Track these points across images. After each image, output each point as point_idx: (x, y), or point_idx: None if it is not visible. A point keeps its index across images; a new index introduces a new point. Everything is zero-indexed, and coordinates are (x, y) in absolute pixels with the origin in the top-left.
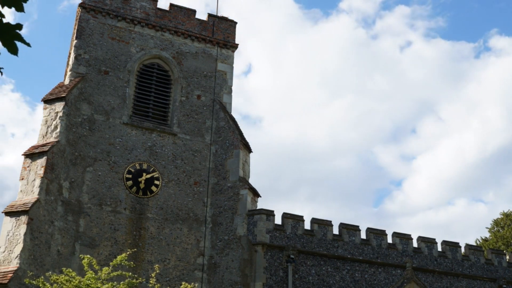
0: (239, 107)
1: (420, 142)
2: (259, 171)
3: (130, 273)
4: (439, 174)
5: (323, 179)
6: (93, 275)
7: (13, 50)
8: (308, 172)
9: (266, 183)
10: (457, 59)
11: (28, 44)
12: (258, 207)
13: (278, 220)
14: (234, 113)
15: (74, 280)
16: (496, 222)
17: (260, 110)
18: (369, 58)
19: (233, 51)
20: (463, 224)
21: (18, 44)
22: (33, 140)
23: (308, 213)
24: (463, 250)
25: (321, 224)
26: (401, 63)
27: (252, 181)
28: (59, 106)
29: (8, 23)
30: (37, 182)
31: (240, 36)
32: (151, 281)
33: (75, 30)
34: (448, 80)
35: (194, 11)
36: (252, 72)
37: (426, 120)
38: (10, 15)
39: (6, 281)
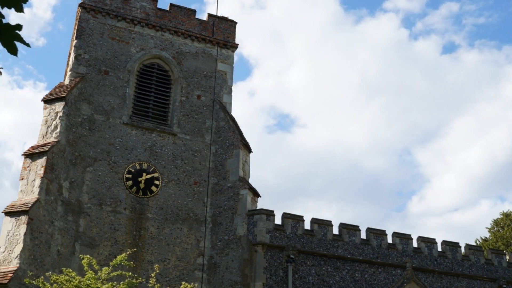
0: (278, 104)
1: (455, 141)
2: (291, 171)
3: (130, 273)
4: (469, 173)
5: (355, 179)
6: (93, 275)
7: (13, 51)
8: (342, 172)
9: (297, 184)
10: (500, 64)
11: (28, 45)
12: (284, 208)
13: (278, 220)
14: (273, 111)
15: (74, 280)
16: (496, 222)
17: (298, 108)
18: (410, 58)
19: (233, 51)
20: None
21: (19, 44)
22: None
23: (332, 214)
24: (463, 250)
25: (321, 224)
26: (442, 65)
27: (282, 181)
28: (59, 106)
29: (8, 24)
30: (37, 182)
31: (283, 33)
32: (151, 281)
33: (75, 30)
34: (487, 80)
35: (194, 11)
36: (293, 69)
37: (462, 118)
38: (47, 11)
39: (6, 281)
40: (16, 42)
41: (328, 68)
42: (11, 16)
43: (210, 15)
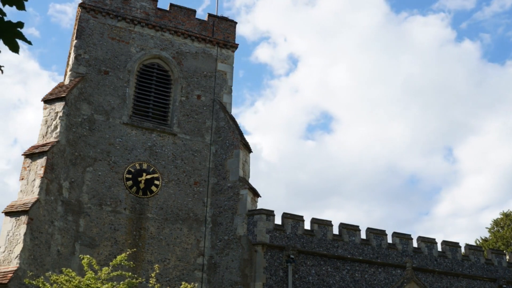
0: (320, 102)
1: (493, 140)
2: (329, 171)
3: (130, 273)
4: (501, 172)
5: (392, 179)
6: (93, 275)
7: (14, 48)
8: (380, 171)
9: (333, 184)
10: None
11: (30, 42)
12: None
13: (278, 220)
14: (315, 109)
15: (74, 280)
16: (496, 222)
17: (339, 107)
18: (454, 59)
19: (233, 51)
20: None
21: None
22: None
23: (361, 215)
24: (463, 250)
25: (321, 224)
26: (486, 66)
27: (318, 181)
28: (59, 106)
29: (9, 21)
30: (37, 182)
31: (330, 31)
32: (151, 281)
33: (75, 30)
34: None
35: (194, 11)
36: (337, 67)
37: (501, 119)
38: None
39: (6, 281)
40: (18, 40)
41: (371, 67)
42: (64, 19)
43: (210, 15)
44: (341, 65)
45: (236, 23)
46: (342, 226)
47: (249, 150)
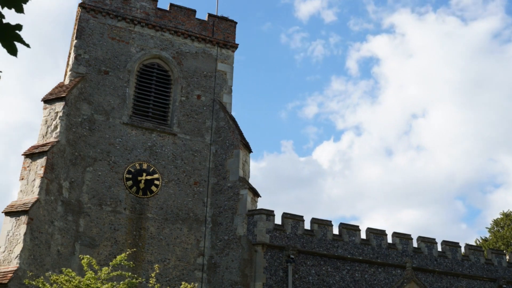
0: (421, 99)
1: None
2: (415, 167)
3: (130, 273)
4: None
5: (483, 177)
6: (93, 275)
7: (13, 51)
8: (472, 171)
9: (416, 181)
10: None
11: (28, 45)
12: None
13: (278, 220)
14: (415, 105)
15: (74, 280)
16: (496, 222)
17: (440, 107)
18: None
19: (233, 51)
20: None
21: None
22: None
23: (423, 219)
24: (463, 250)
25: (321, 224)
26: None
27: (401, 179)
28: (59, 106)
29: (8, 24)
30: (37, 182)
31: (448, 34)
32: (151, 281)
33: (75, 30)
34: None
35: (194, 11)
36: (447, 69)
37: None
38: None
39: (6, 281)
40: (16, 43)
41: (480, 72)
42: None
43: (210, 15)
44: (452, 66)
45: (236, 23)
46: (342, 226)
47: (249, 150)
